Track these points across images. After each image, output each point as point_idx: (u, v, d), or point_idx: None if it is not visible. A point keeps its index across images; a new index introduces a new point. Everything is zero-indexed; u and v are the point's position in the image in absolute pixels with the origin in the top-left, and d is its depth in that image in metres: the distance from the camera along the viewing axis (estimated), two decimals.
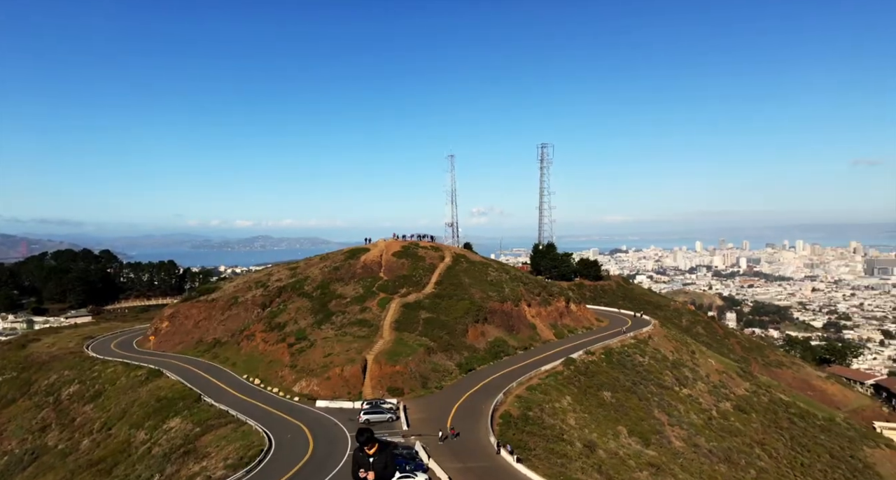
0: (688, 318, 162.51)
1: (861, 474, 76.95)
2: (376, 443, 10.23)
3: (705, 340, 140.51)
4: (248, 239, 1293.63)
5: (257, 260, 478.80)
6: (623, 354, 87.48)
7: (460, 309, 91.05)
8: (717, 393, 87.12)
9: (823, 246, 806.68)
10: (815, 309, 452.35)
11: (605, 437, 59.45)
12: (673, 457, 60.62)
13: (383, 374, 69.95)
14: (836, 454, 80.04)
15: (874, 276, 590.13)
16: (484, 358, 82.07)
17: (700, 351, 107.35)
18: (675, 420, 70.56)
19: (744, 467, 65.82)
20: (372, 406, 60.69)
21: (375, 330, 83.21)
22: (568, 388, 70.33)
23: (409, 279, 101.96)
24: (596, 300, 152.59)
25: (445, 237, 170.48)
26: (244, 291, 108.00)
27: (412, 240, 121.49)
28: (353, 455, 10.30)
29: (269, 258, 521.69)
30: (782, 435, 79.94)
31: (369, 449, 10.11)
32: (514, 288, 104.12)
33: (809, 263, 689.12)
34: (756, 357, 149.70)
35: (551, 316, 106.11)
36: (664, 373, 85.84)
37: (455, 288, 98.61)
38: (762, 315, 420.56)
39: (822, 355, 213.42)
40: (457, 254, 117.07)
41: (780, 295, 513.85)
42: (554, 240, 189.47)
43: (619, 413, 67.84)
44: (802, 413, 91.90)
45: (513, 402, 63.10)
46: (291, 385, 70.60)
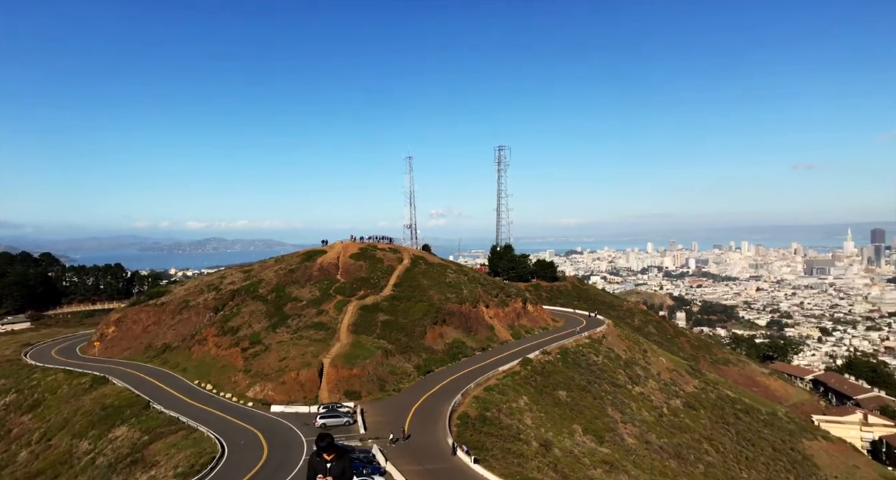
0: (640, 318, 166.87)
1: (800, 465, 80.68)
2: (335, 450, 10.07)
3: (656, 339, 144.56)
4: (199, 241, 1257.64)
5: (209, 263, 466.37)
6: (578, 354, 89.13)
7: (419, 311, 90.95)
8: (667, 390, 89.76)
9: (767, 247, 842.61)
10: (760, 308, 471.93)
11: (561, 436, 60.42)
12: (626, 454, 62.11)
13: (340, 378, 69.19)
14: (777, 447, 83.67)
15: (813, 276, 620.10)
16: (442, 360, 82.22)
17: (652, 349, 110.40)
18: (628, 418, 72.32)
19: (693, 462, 68.02)
20: (328, 410, 59.94)
21: (332, 333, 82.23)
22: (525, 388, 71.15)
23: (367, 281, 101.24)
24: (552, 300, 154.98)
25: (404, 239, 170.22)
26: (196, 295, 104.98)
27: (370, 241, 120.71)
28: (310, 460, 10.11)
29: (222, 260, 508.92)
30: (729, 430, 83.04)
31: (328, 456, 9.94)
32: (472, 290, 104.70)
33: (754, 264, 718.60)
34: (704, 355, 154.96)
35: (509, 317, 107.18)
36: (617, 372, 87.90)
37: (413, 290, 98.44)
38: (710, 314, 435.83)
39: (765, 352, 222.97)
40: (415, 256, 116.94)
41: (726, 294, 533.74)
42: (511, 241, 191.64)
43: (575, 411, 69.07)
44: (747, 409, 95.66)
45: (471, 403, 63.42)
46: (245, 390, 69.01)
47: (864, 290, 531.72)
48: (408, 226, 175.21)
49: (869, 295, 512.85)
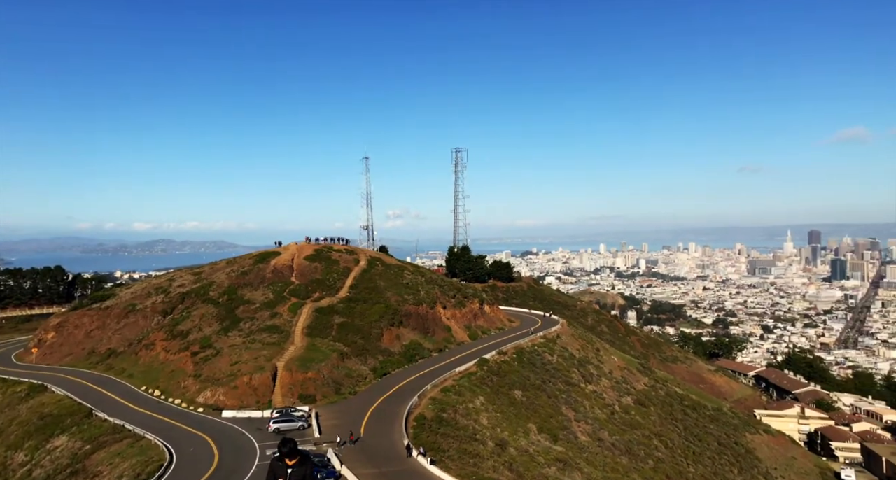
0: (593, 317, 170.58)
1: (743, 459, 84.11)
2: (298, 455, 10.04)
3: (609, 338, 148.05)
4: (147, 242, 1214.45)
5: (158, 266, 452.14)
6: (533, 353, 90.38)
7: (375, 313, 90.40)
8: (619, 388, 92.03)
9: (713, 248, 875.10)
10: (706, 307, 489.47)
11: (516, 435, 61.13)
12: (579, 452, 63.36)
13: (294, 381, 68.08)
14: (722, 441, 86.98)
15: (756, 276, 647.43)
16: (399, 362, 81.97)
17: (604, 348, 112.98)
18: (582, 416, 73.80)
19: (643, 458, 69.95)
20: (282, 414, 58.90)
21: (286, 336, 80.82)
22: (481, 388, 71.67)
23: (323, 283, 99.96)
24: (508, 301, 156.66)
25: (360, 240, 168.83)
26: (143, 298, 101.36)
27: (326, 243, 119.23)
28: (271, 464, 10.06)
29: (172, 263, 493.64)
30: (677, 426, 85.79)
31: (290, 461, 9.89)
32: (429, 291, 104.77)
33: (701, 264, 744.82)
34: (654, 353, 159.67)
35: (466, 318, 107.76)
36: (571, 371, 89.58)
37: (370, 292, 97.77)
38: (660, 313, 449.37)
39: (711, 350, 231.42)
40: (372, 258, 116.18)
41: (675, 294, 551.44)
42: (469, 242, 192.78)
43: (530, 410, 70.00)
44: (694, 405, 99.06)
45: (427, 404, 63.45)
46: (195, 395, 67.04)
47: (802, 289, 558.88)
48: (364, 227, 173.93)
49: (806, 293, 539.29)
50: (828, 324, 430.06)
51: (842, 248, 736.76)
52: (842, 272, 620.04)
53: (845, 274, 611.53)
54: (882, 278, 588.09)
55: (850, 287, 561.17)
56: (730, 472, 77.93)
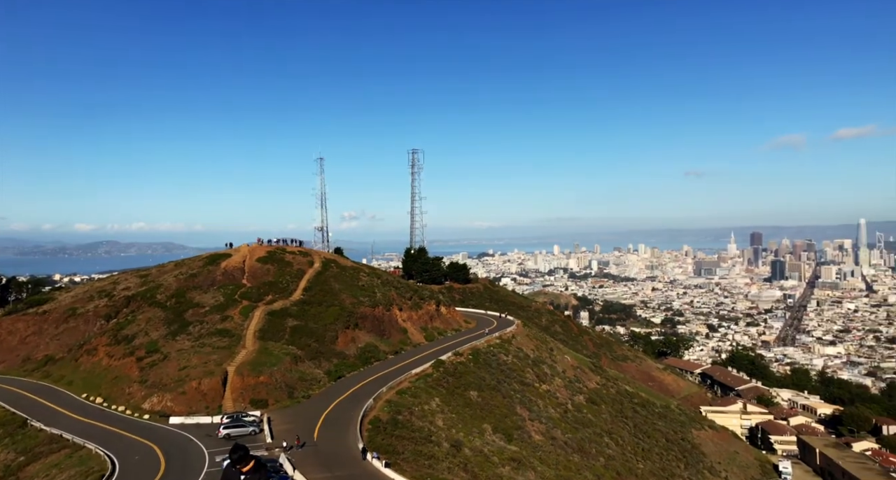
0: (547, 318, 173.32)
1: (689, 454, 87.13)
2: (252, 461, 9.84)
3: (562, 338, 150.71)
4: (89, 244, 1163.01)
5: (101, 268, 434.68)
6: (489, 354, 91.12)
7: (330, 316, 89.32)
8: (572, 387, 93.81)
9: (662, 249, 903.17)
10: (655, 307, 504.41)
11: (471, 436, 61.51)
12: (533, 451, 64.26)
13: (246, 386, 66.54)
14: (670, 437, 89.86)
15: (701, 276, 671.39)
16: (354, 365, 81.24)
17: (558, 348, 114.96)
18: (535, 415, 74.86)
19: (594, 455, 71.52)
20: (233, 419, 57.48)
21: (238, 339, 78.90)
22: (437, 390, 71.77)
23: (276, 285, 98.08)
24: (465, 302, 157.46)
25: (315, 242, 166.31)
26: (85, 302, 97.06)
27: (279, 244, 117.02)
28: (224, 472, 9.83)
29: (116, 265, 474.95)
30: (627, 424, 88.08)
31: (243, 467, 9.69)
32: (385, 293, 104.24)
33: (650, 265, 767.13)
34: (606, 352, 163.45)
35: (422, 320, 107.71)
36: (526, 371, 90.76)
37: (325, 295, 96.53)
38: (611, 313, 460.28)
39: (660, 348, 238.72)
40: (327, 259, 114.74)
41: (625, 294, 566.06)
42: (425, 244, 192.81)
43: (485, 411, 70.55)
44: (644, 403, 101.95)
45: (382, 407, 63.12)
46: (141, 402, 64.67)
47: (745, 289, 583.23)
48: (319, 228, 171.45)
49: (749, 293, 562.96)
50: (768, 323, 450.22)
51: (781, 250, 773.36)
52: (781, 272, 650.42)
53: (784, 275, 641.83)
54: (817, 278, 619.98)
55: (789, 287, 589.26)
56: (677, 467, 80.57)
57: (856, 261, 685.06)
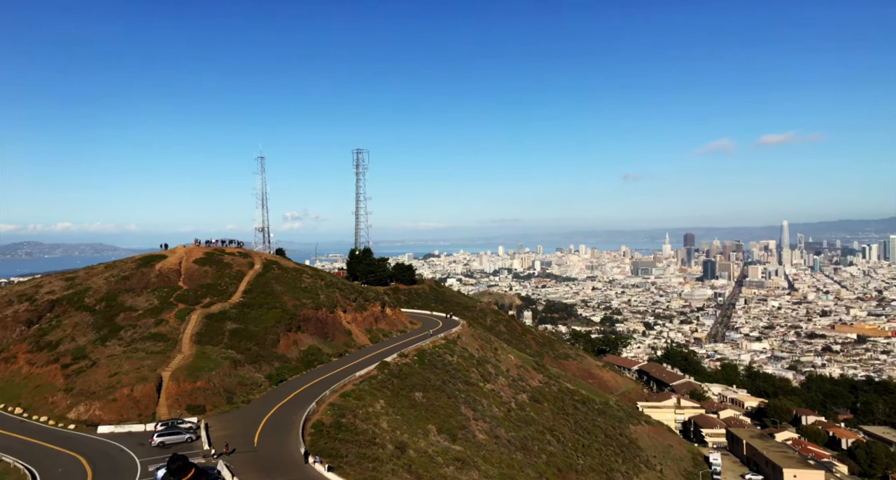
0: (491, 317, 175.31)
1: (627, 449, 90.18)
2: (192, 470, 9.52)
3: (506, 337, 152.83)
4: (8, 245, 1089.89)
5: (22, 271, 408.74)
6: (434, 355, 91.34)
7: (271, 318, 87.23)
8: (515, 385, 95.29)
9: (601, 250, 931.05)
10: (595, 306, 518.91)
11: (416, 437, 61.50)
12: (477, 450, 64.88)
13: (182, 391, 64.07)
14: (609, 433, 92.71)
15: (638, 276, 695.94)
16: (297, 368, 79.68)
17: (502, 347, 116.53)
18: (480, 415, 75.62)
19: (537, 453, 72.93)
20: (167, 426, 55.21)
21: (173, 344, 75.90)
22: (381, 392, 71.36)
23: (214, 288, 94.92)
24: (410, 303, 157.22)
25: (255, 243, 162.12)
26: (3, 306, 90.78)
27: (217, 245, 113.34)
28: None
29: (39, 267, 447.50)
30: (568, 421, 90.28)
31: (183, 478, 9.35)
32: (329, 295, 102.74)
33: (590, 265, 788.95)
34: (548, 351, 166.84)
35: (367, 321, 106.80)
36: (471, 370, 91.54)
37: (266, 297, 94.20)
38: (553, 312, 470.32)
39: (600, 346, 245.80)
40: (268, 261, 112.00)
41: (567, 294, 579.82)
42: (370, 245, 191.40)
43: (430, 412, 70.68)
44: (584, 400, 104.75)
45: (326, 410, 62.21)
46: (66, 411, 61.15)
47: (679, 288, 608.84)
48: (260, 229, 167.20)
49: (682, 292, 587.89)
50: (701, 320, 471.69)
51: (712, 250, 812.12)
52: (712, 272, 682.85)
53: (715, 274, 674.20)
54: (745, 277, 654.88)
55: (719, 285, 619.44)
56: (615, 462, 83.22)
57: (779, 261, 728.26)
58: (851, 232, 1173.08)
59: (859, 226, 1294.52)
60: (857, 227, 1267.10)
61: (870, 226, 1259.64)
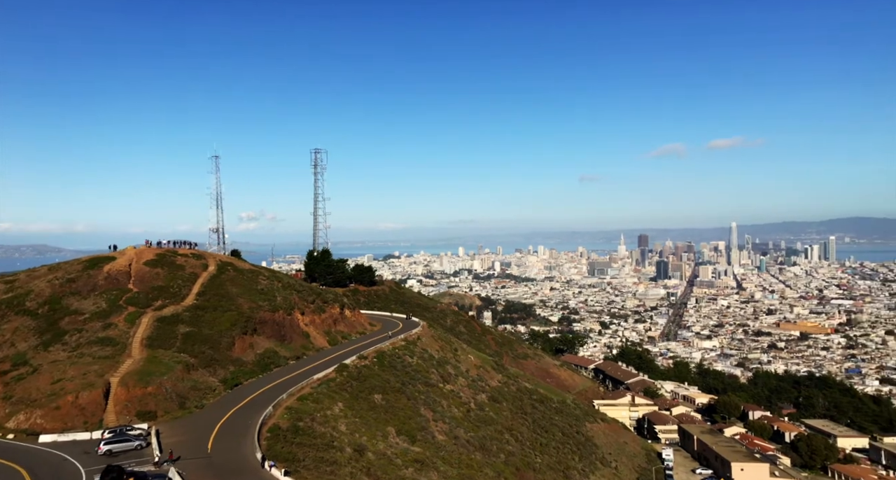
0: (452, 318, 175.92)
1: (583, 446, 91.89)
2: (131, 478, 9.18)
3: (466, 338, 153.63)
4: None
5: None
6: (394, 356, 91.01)
7: (226, 321, 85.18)
8: (475, 386, 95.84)
9: (559, 251, 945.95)
10: (553, 306, 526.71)
11: (375, 439, 61.13)
12: (436, 451, 64.95)
13: (131, 397, 61.90)
14: (566, 431, 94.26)
15: (595, 276, 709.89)
16: (253, 372, 78.08)
17: (462, 348, 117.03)
18: (439, 416, 75.73)
19: (495, 452, 73.53)
20: (115, 434, 53.21)
21: (122, 348, 73.23)
22: (340, 394, 70.65)
23: (166, 290, 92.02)
24: (370, 305, 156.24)
25: (210, 244, 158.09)
26: None
27: (169, 246, 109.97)
28: None
29: None
30: (526, 420, 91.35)
31: None
32: (286, 297, 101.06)
33: (549, 266, 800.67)
34: (507, 351, 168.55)
35: (325, 324, 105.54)
36: (430, 372, 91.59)
37: (220, 299, 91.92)
38: (512, 312, 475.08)
39: (557, 346, 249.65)
40: (223, 262, 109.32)
41: (526, 294, 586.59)
42: (329, 246, 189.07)
43: (389, 413, 70.38)
44: (542, 399, 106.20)
45: (282, 414, 61.14)
46: (4, 420, 58.23)
47: (634, 288, 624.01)
48: (214, 229, 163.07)
49: (637, 292, 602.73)
50: (654, 319, 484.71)
51: (665, 251, 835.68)
52: (665, 272, 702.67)
53: (668, 274, 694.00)
54: (696, 277, 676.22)
55: (672, 285, 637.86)
56: (572, 459, 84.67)
57: (728, 261, 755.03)
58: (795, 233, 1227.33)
59: (802, 227, 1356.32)
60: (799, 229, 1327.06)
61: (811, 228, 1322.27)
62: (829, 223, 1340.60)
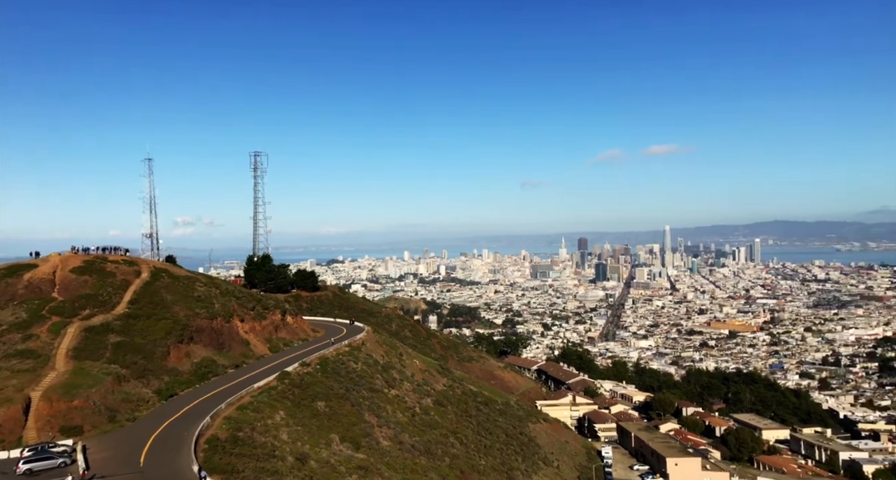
0: (397, 323, 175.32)
1: (526, 447, 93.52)
2: None
3: (411, 342, 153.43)
4: None
5: None
6: (338, 362, 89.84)
7: (161, 330, 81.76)
8: (420, 390, 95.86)
9: (503, 254, 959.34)
10: (497, 309, 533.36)
11: (318, 447, 60.20)
12: (381, 457, 64.59)
13: (55, 412, 58.45)
14: (510, 433, 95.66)
15: (537, 279, 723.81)
16: (189, 381, 75.24)
17: (407, 352, 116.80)
18: (384, 421, 75.33)
19: (440, 456, 73.78)
20: (36, 451, 50.07)
21: (45, 360, 69.04)
22: (282, 403, 69.14)
23: (95, 299, 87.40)
24: (313, 311, 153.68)
25: (143, 250, 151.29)
26: None
27: (98, 253, 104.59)
28: None
29: None
30: (471, 422, 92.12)
31: None
32: (225, 304, 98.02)
33: (493, 269, 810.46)
34: (453, 354, 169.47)
35: (267, 331, 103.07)
36: (375, 377, 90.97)
37: (154, 307, 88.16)
38: (458, 316, 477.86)
39: (501, 348, 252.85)
40: (157, 269, 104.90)
41: (471, 297, 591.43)
42: (270, 251, 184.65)
43: (333, 421, 69.44)
44: (486, 401, 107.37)
45: (221, 425, 59.25)
46: None
47: (574, 290, 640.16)
48: (148, 235, 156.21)
49: (577, 293, 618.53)
50: (594, 320, 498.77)
51: (604, 254, 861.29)
52: (603, 274, 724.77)
53: (606, 276, 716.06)
54: (633, 279, 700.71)
55: (610, 287, 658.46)
56: (515, 460, 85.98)
57: (662, 263, 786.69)
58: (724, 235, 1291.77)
59: (730, 230, 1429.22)
60: (728, 232, 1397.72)
61: (738, 231, 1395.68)
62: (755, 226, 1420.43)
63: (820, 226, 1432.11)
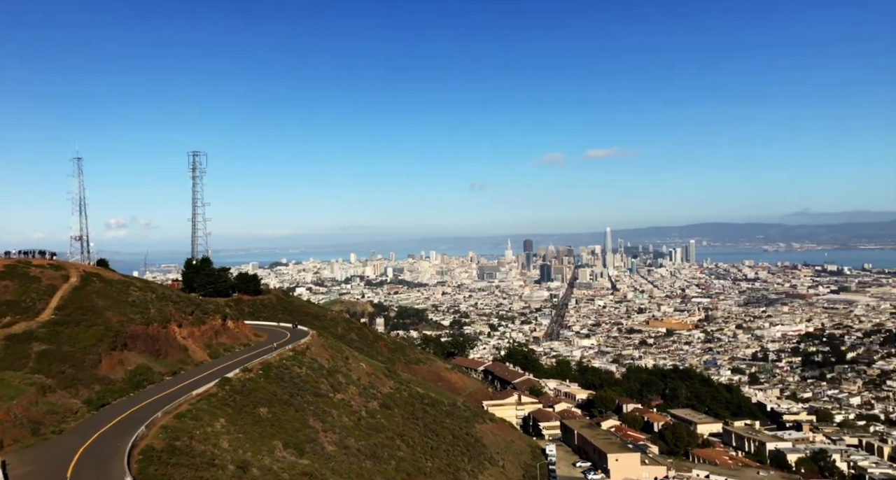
0: (343, 326, 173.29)
1: (473, 447, 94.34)
2: None
3: (358, 345, 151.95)
4: None
5: None
6: (281, 367, 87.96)
7: (91, 337, 77.73)
8: (366, 393, 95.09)
9: (451, 256, 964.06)
10: (445, 310, 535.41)
11: (261, 454, 58.80)
12: (325, 462, 63.70)
13: None
14: (456, 433, 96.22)
15: (484, 280, 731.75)
16: (123, 390, 71.81)
17: (353, 356, 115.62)
18: (329, 426, 74.32)
19: (386, 459, 73.43)
20: None
21: None
22: (222, 410, 67.10)
23: (16, 305, 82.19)
24: (256, 315, 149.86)
25: (72, 253, 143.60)
26: None
27: (21, 256, 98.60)
28: None
29: None
30: (417, 424, 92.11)
31: None
32: (161, 309, 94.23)
33: (440, 271, 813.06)
34: (399, 356, 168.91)
35: (206, 336, 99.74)
36: (320, 381, 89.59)
37: (84, 313, 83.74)
38: (405, 318, 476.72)
39: (449, 349, 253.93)
40: (87, 273, 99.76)
41: (418, 299, 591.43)
42: (210, 254, 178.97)
43: (276, 427, 67.96)
44: (433, 402, 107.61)
45: (157, 434, 56.92)
46: None
47: (520, 291, 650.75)
48: (77, 238, 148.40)
49: (523, 294, 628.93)
50: (539, 320, 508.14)
51: (548, 255, 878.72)
52: (548, 275, 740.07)
53: (551, 277, 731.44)
54: (576, 279, 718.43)
55: (554, 287, 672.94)
56: (461, 461, 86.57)
57: (604, 264, 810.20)
58: (661, 237, 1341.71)
59: (667, 232, 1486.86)
60: (665, 233, 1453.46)
61: (675, 232, 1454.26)
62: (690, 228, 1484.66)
63: (748, 227, 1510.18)
